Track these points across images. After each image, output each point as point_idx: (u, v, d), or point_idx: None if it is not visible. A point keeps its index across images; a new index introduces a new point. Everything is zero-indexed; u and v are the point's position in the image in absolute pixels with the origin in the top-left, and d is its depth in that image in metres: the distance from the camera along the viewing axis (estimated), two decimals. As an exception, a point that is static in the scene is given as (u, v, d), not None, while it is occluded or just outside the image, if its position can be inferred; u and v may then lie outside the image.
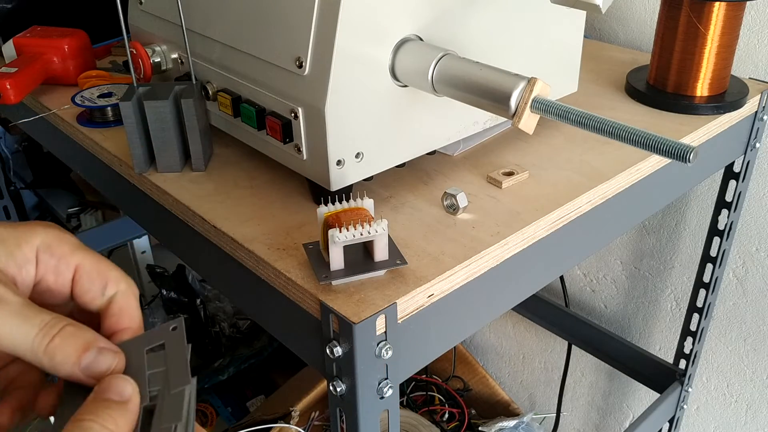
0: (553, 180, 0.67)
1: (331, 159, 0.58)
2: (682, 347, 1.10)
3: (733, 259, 1.06)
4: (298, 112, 0.58)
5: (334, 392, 0.52)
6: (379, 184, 0.66)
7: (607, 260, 1.25)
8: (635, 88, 0.84)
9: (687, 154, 0.45)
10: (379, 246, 0.52)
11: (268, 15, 0.60)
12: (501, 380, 1.58)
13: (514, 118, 0.52)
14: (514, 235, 0.59)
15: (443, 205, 0.62)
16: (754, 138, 0.89)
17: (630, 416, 1.35)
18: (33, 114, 0.86)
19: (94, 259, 0.38)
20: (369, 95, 0.58)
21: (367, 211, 0.53)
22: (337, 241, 0.50)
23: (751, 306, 1.07)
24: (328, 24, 0.55)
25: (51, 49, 0.88)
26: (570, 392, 1.44)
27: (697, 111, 0.80)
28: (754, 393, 1.12)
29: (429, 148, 0.66)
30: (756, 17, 0.93)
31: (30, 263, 0.36)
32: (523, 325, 1.48)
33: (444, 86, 0.57)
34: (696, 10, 0.77)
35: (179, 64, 0.73)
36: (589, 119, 0.49)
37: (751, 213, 1.01)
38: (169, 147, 0.67)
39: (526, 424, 1.33)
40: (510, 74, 0.53)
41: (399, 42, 0.58)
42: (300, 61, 0.57)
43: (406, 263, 0.53)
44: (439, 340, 0.58)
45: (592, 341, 1.23)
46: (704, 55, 0.79)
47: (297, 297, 0.54)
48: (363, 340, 0.49)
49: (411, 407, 1.39)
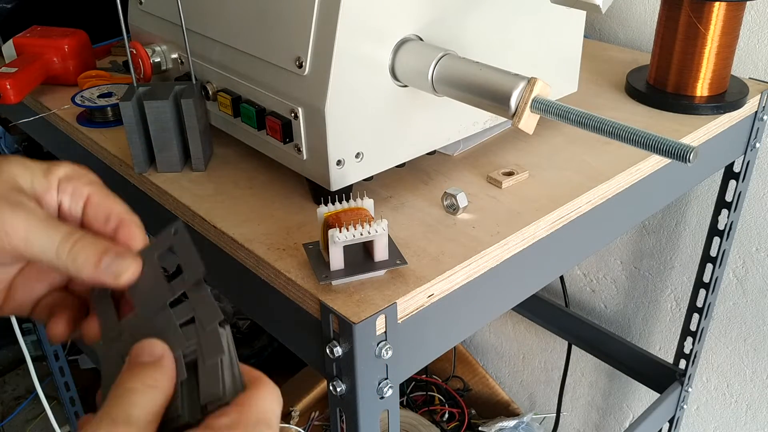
0: (553, 180, 0.67)
1: (331, 159, 0.58)
2: (682, 347, 1.10)
3: (733, 259, 1.06)
4: (298, 112, 0.58)
5: (334, 392, 0.52)
6: (379, 184, 0.66)
7: (607, 260, 1.25)
8: (635, 88, 0.84)
9: (687, 154, 0.45)
10: (379, 246, 0.52)
11: (268, 15, 0.60)
12: (501, 380, 1.58)
13: (514, 118, 0.52)
14: (514, 235, 0.59)
15: (443, 205, 0.62)
16: (754, 138, 0.89)
17: (630, 416, 1.35)
18: (33, 114, 0.86)
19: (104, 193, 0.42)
20: (369, 95, 0.58)
21: (367, 211, 0.53)
22: (337, 241, 0.50)
23: (751, 306, 1.07)
24: (328, 24, 0.55)
25: (51, 49, 0.88)
26: (570, 392, 1.44)
27: (697, 111, 0.80)
28: (754, 393, 1.12)
29: (429, 148, 0.66)
30: (756, 17, 0.93)
31: (53, 190, 0.41)
32: (523, 325, 1.48)
33: (444, 86, 0.57)
34: (696, 10, 0.77)
35: (179, 64, 0.73)
36: (589, 119, 0.49)
37: (751, 213, 1.01)
38: (169, 147, 0.67)
39: (526, 424, 1.33)
40: (510, 74, 0.53)
41: (399, 42, 0.58)
42: (300, 61, 0.57)
43: (406, 263, 0.53)
44: (439, 340, 0.58)
45: (592, 341, 1.23)
46: (704, 55, 0.79)
47: (297, 297, 0.54)
48: (363, 340, 0.49)
49: (411, 407, 1.39)
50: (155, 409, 0.33)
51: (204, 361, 0.34)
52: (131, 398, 0.32)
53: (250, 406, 0.33)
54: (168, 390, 0.34)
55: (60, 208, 0.41)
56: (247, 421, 0.32)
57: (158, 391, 0.33)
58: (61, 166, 0.42)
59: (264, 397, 0.34)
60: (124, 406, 0.32)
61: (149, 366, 0.34)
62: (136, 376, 0.33)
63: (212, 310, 0.35)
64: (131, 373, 0.33)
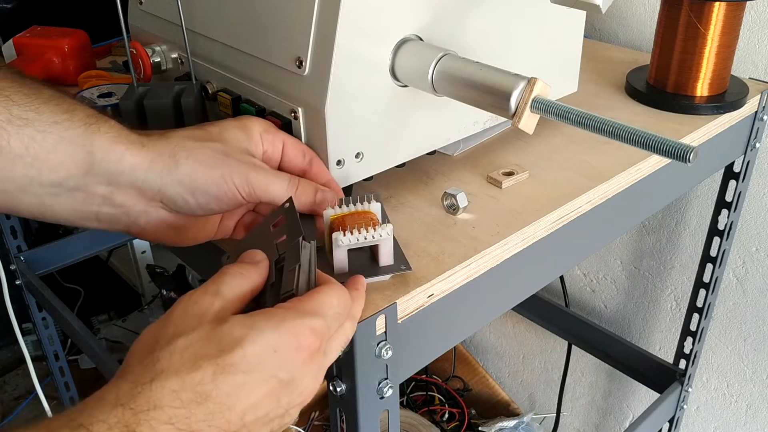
0: (553, 180, 0.67)
1: (331, 159, 0.58)
2: (682, 347, 1.10)
3: (733, 259, 1.06)
4: (298, 112, 0.58)
5: (334, 392, 0.52)
6: (379, 184, 0.66)
7: (607, 260, 1.25)
8: (635, 88, 0.84)
9: (687, 154, 0.45)
10: (384, 251, 0.51)
11: (268, 15, 0.60)
12: (501, 380, 1.58)
13: (514, 118, 0.52)
14: (514, 235, 0.59)
15: (443, 205, 0.62)
16: (754, 138, 0.89)
17: (630, 416, 1.35)
18: (33, 114, 0.86)
19: (292, 138, 0.56)
20: (369, 95, 0.58)
21: (375, 215, 0.52)
22: (341, 244, 0.49)
23: (751, 306, 1.07)
24: (328, 24, 0.55)
25: (51, 49, 0.88)
26: (570, 392, 1.44)
27: (697, 111, 0.80)
28: (754, 393, 1.12)
29: (429, 148, 0.66)
30: (756, 17, 0.93)
31: (259, 144, 0.54)
32: (523, 325, 1.48)
33: (444, 86, 0.57)
34: (696, 10, 0.77)
35: (179, 64, 0.73)
36: (589, 119, 0.49)
37: (751, 213, 1.01)
38: (169, 147, 0.67)
39: (526, 424, 1.33)
40: (510, 74, 0.53)
41: (399, 42, 0.58)
42: (300, 61, 0.57)
43: (410, 269, 0.52)
44: (439, 340, 0.58)
45: (592, 341, 1.23)
46: (704, 55, 0.79)
47: (297, 297, 0.54)
48: (363, 340, 0.49)
49: (411, 407, 1.39)
50: (240, 292, 0.42)
51: (286, 268, 0.44)
52: (224, 278, 0.42)
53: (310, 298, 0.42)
54: (255, 283, 0.43)
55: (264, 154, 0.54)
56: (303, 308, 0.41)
57: (246, 279, 0.43)
58: (254, 121, 0.55)
59: (325, 293, 0.42)
60: (218, 284, 0.41)
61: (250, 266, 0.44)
62: (235, 266, 0.43)
63: (297, 229, 0.46)
64: (235, 265, 0.44)
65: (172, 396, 0.35)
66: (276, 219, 0.48)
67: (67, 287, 1.78)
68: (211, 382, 0.36)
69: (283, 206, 0.48)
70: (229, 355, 0.37)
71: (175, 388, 0.36)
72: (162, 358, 0.37)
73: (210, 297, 0.40)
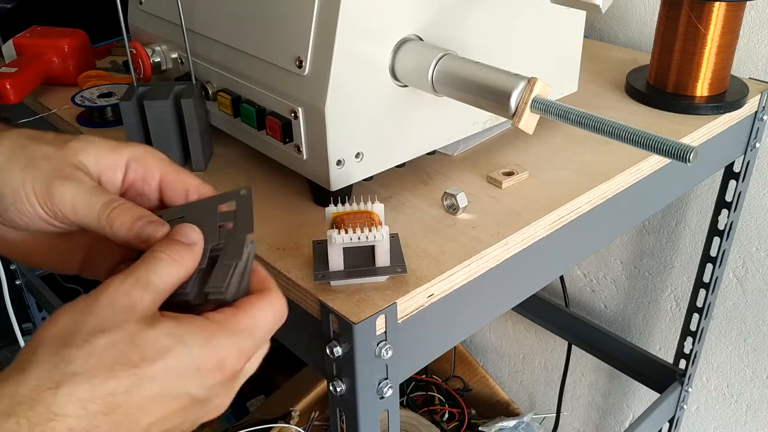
0: (553, 180, 0.67)
1: (331, 159, 0.58)
2: (682, 347, 1.10)
3: (733, 259, 1.06)
4: (298, 112, 0.58)
5: (334, 392, 0.52)
6: (379, 184, 0.66)
7: (607, 260, 1.25)
8: (635, 88, 0.84)
9: (687, 154, 0.45)
10: (380, 252, 0.52)
11: (268, 15, 0.60)
12: (501, 380, 1.58)
13: (514, 118, 0.52)
14: (514, 235, 0.59)
15: (443, 205, 0.62)
16: (754, 138, 0.89)
17: (630, 416, 1.35)
18: (33, 114, 0.86)
19: (176, 169, 0.45)
20: (369, 95, 0.58)
21: (376, 215, 0.52)
22: (335, 242, 0.50)
23: (751, 306, 1.07)
24: (328, 24, 0.55)
25: (51, 49, 0.88)
26: (570, 392, 1.44)
27: (697, 111, 0.80)
28: (754, 393, 1.12)
29: (429, 148, 0.66)
30: (756, 17, 0.93)
31: (119, 168, 0.44)
32: (523, 325, 1.48)
33: (444, 86, 0.57)
34: (696, 10, 0.77)
35: (179, 64, 0.73)
36: (589, 119, 0.49)
37: (751, 213, 1.01)
38: (169, 147, 0.67)
39: (526, 424, 1.33)
40: (510, 74, 0.53)
41: (399, 42, 0.58)
42: (300, 61, 0.57)
43: (405, 272, 0.52)
44: (439, 340, 0.58)
45: (592, 341, 1.23)
46: (704, 55, 0.79)
47: (297, 297, 0.54)
48: (363, 340, 0.49)
49: (411, 407, 1.39)
50: (173, 281, 0.38)
51: (222, 260, 0.40)
52: (156, 266, 0.37)
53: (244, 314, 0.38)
54: (188, 270, 0.39)
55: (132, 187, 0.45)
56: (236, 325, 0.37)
57: (180, 267, 0.38)
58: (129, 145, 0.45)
59: (260, 308, 0.39)
60: (149, 272, 0.37)
61: (182, 245, 0.39)
62: (167, 247, 0.38)
63: (248, 224, 0.41)
64: (166, 244, 0.39)
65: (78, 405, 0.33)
66: (226, 201, 0.43)
67: (67, 287, 1.78)
68: (124, 393, 0.34)
69: (239, 192, 0.43)
70: (150, 366, 0.34)
71: (84, 397, 0.33)
72: (77, 359, 0.33)
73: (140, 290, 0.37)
